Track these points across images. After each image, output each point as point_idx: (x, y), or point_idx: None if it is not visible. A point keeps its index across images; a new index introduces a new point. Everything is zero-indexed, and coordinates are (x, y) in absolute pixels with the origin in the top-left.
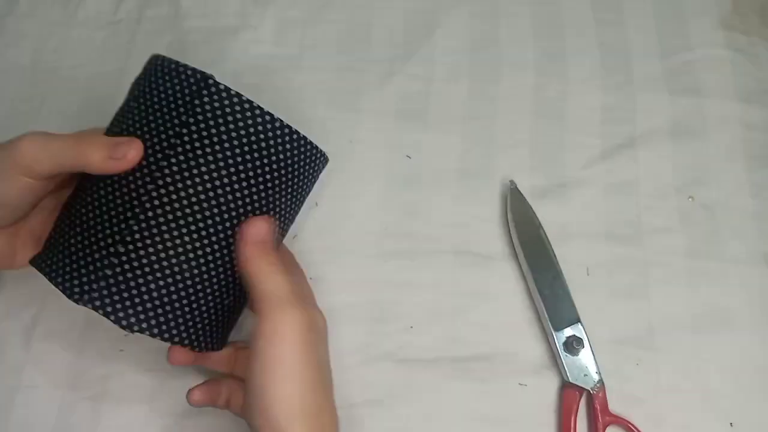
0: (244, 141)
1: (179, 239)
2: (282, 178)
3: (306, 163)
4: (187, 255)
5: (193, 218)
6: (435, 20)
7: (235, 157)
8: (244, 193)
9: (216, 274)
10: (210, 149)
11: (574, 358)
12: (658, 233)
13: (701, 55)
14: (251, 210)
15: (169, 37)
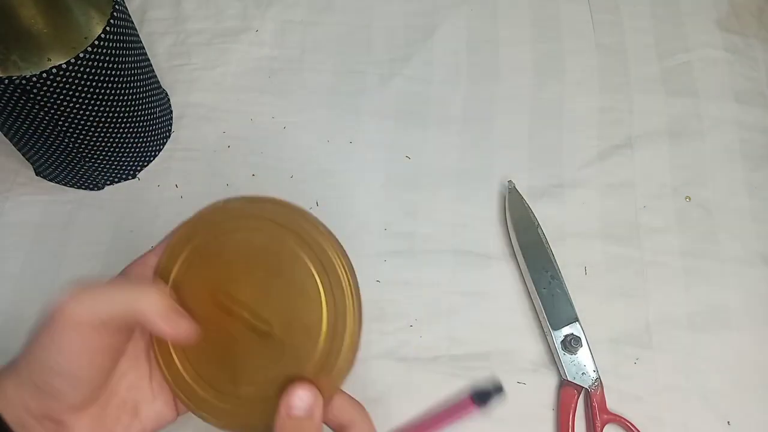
0: None
1: None
2: None
3: None
4: None
5: None
6: (434, 22)
7: None
8: None
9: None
10: None
11: (572, 356)
12: (656, 233)
13: (698, 56)
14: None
15: (170, 39)
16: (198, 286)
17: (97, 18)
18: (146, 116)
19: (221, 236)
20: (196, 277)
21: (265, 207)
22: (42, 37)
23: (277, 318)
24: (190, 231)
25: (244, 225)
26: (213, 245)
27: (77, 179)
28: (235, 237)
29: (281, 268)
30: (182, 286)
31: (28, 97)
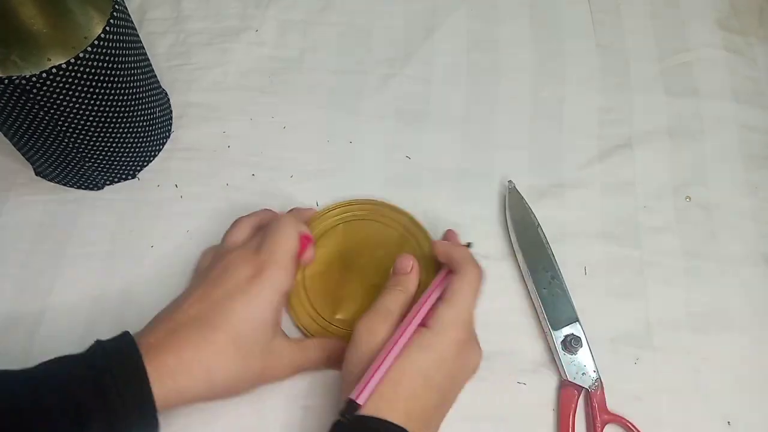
0: None
1: None
2: None
3: None
4: None
5: None
6: (434, 22)
7: None
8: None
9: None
10: None
11: (573, 356)
12: (656, 233)
13: (698, 56)
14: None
15: (170, 39)
16: (333, 245)
17: (97, 18)
18: (146, 116)
19: (361, 222)
20: (335, 239)
21: (395, 214)
22: (42, 37)
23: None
24: (341, 211)
25: (380, 220)
26: (355, 225)
27: (77, 179)
28: (371, 226)
29: (393, 251)
30: (323, 241)
31: (28, 97)
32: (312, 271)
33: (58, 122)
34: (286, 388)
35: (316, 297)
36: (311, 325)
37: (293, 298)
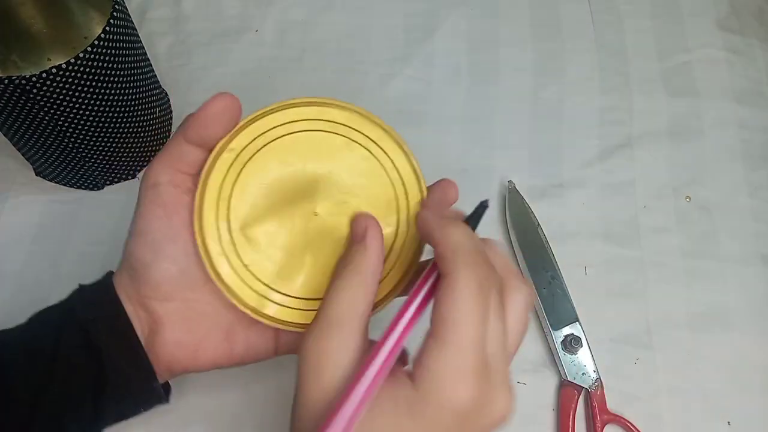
0: None
1: None
2: None
3: None
4: None
5: None
6: (434, 22)
7: None
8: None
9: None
10: None
11: (573, 356)
12: (656, 233)
13: (698, 56)
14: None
15: (170, 38)
16: (275, 174)
17: (97, 18)
18: (146, 116)
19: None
20: (277, 162)
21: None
22: (42, 37)
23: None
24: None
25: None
26: (307, 140)
27: (77, 179)
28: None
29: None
30: (256, 165)
31: (28, 97)
32: (243, 216)
33: (58, 122)
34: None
35: (250, 253)
36: (243, 291)
37: (215, 251)
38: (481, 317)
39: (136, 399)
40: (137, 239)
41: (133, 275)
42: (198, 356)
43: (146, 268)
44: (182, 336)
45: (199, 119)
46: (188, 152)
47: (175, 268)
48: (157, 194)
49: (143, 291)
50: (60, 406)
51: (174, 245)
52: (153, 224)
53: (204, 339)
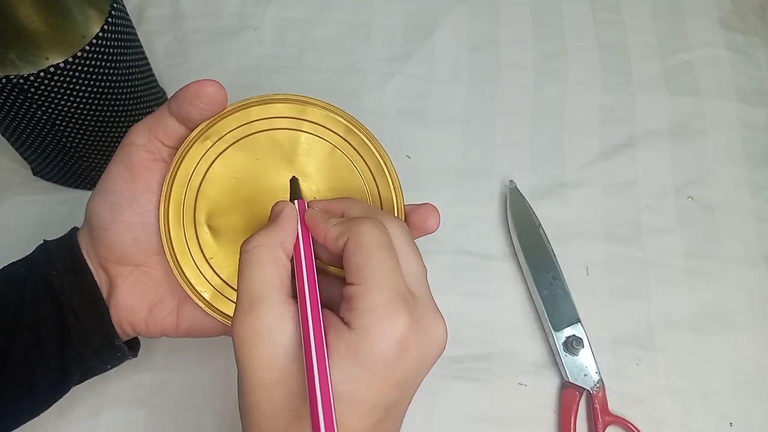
0: None
1: None
2: None
3: None
4: None
5: None
6: (435, 20)
7: None
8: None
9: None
10: None
11: (574, 357)
12: (658, 233)
13: (700, 55)
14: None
15: (169, 37)
16: (243, 168)
17: (95, 16)
18: (144, 115)
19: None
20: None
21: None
22: (40, 36)
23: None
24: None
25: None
26: (278, 138)
27: (75, 179)
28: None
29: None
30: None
31: (26, 97)
32: (210, 208)
33: (56, 121)
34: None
35: (213, 246)
36: (201, 283)
37: (178, 240)
38: (389, 253)
39: (99, 354)
40: (99, 197)
41: (92, 234)
42: (148, 323)
43: (103, 230)
44: (134, 301)
45: (182, 97)
46: (169, 124)
47: (129, 235)
48: (127, 154)
49: (99, 251)
50: (27, 355)
51: (131, 210)
52: (116, 184)
53: (155, 307)
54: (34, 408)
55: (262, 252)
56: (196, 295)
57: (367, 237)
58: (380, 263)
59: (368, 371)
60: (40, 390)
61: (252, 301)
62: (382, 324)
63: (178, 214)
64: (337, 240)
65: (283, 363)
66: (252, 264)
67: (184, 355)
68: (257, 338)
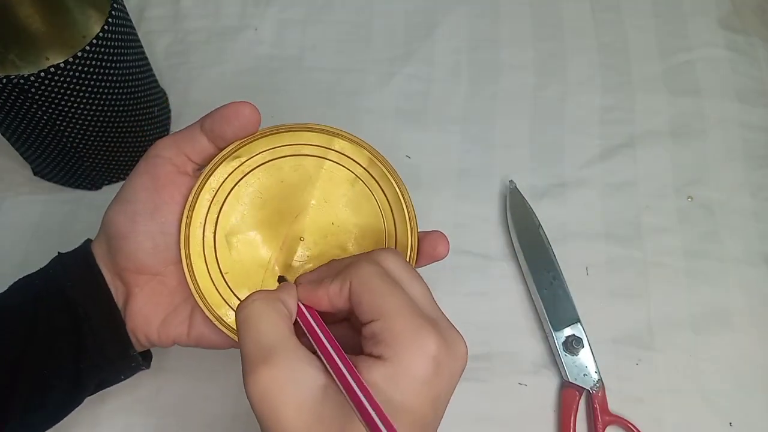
0: None
1: None
2: None
3: None
4: None
5: None
6: (434, 20)
7: None
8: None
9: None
10: None
11: (574, 357)
12: (658, 233)
13: (700, 55)
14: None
15: (169, 37)
16: (259, 198)
17: (96, 17)
18: (144, 115)
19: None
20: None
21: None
22: (40, 36)
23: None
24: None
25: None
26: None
27: (75, 179)
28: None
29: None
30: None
31: (26, 97)
32: (231, 224)
33: (56, 122)
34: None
35: (229, 261)
36: (212, 296)
37: (196, 250)
38: (394, 283)
39: (114, 364)
40: (119, 206)
41: (110, 244)
42: (161, 332)
43: (122, 239)
44: (149, 310)
45: (219, 116)
46: (199, 140)
47: (149, 244)
48: (153, 165)
49: (117, 260)
50: (42, 367)
51: (152, 220)
52: (139, 194)
53: (168, 315)
54: (48, 419)
55: (264, 304)
56: (208, 308)
57: (366, 275)
58: (390, 293)
59: (407, 395)
60: (54, 402)
61: (264, 352)
62: (414, 346)
63: (200, 225)
64: (341, 291)
65: (313, 407)
66: (255, 317)
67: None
68: (280, 388)
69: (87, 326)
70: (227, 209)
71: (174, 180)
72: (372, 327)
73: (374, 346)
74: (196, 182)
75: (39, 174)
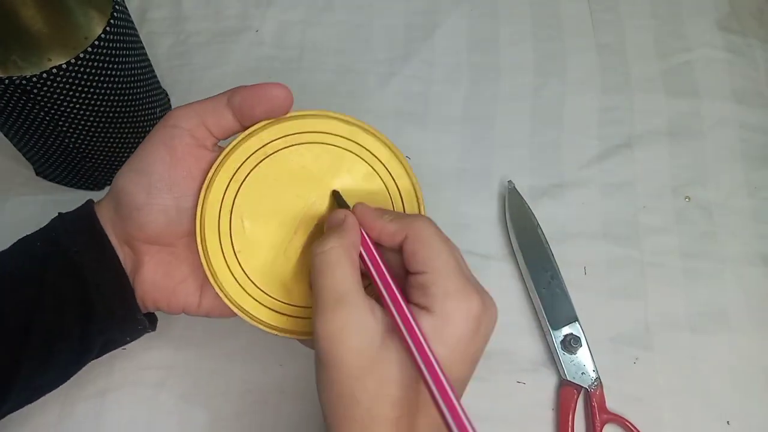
0: None
1: None
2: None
3: None
4: None
5: None
6: (434, 21)
7: None
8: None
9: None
10: None
11: (572, 356)
12: (655, 233)
13: (698, 56)
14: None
15: (170, 39)
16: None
17: (97, 18)
18: (146, 116)
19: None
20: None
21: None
22: (42, 37)
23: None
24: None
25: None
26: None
27: (77, 179)
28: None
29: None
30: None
31: (28, 98)
32: (249, 205)
33: (58, 122)
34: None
35: (243, 242)
36: (224, 274)
37: (211, 227)
38: (449, 245)
39: (121, 328)
40: (133, 176)
41: (121, 212)
42: (170, 300)
43: (136, 210)
44: (159, 279)
45: (250, 92)
46: (224, 115)
47: (163, 218)
48: (170, 136)
49: (128, 229)
50: (50, 332)
51: (169, 194)
52: (155, 166)
53: (179, 285)
54: (52, 382)
55: (340, 253)
56: (219, 287)
57: (426, 232)
58: (446, 254)
59: (449, 350)
60: (59, 365)
61: (337, 298)
62: (462, 305)
63: (217, 203)
64: (395, 235)
65: (371, 352)
66: (333, 264)
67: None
68: (347, 332)
69: (95, 292)
70: (245, 190)
71: (192, 153)
72: (422, 279)
73: (422, 297)
74: (217, 159)
75: (41, 174)
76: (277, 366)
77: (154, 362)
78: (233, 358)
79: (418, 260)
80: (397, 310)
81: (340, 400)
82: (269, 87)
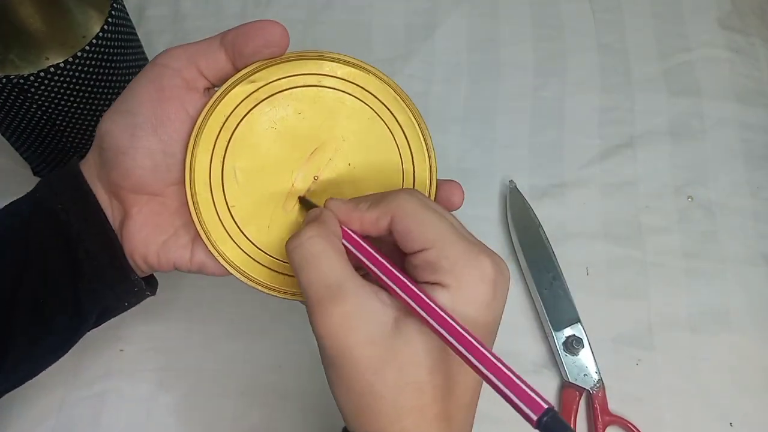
0: None
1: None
2: None
3: None
4: None
5: None
6: (435, 21)
7: None
8: None
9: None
10: None
11: (574, 357)
12: (657, 233)
13: (700, 55)
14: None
15: (169, 37)
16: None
17: (95, 17)
18: None
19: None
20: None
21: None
22: (40, 36)
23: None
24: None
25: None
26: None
27: None
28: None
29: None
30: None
31: (26, 97)
32: (242, 154)
33: (56, 121)
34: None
35: (236, 193)
36: (215, 228)
37: (201, 178)
38: (440, 214)
39: (115, 290)
40: (117, 117)
41: (104, 159)
42: (160, 255)
43: (120, 154)
44: (148, 232)
45: (244, 29)
46: (216, 55)
47: (149, 162)
48: (160, 75)
49: (113, 177)
50: (38, 295)
51: (155, 136)
52: (142, 105)
53: (169, 239)
54: (50, 351)
55: (322, 242)
56: (211, 242)
57: (412, 206)
58: (440, 221)
59: (470, 319)
60: (55, 331)
61: (331, 290)
62: (475, 271)
63: (207, 152)
64: (378, 221)
65: (384, 340)
66: (316, 255)
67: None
68: (351, 324)
69: (82, 248)
70: (238, 137)
71: (181, 95)
72: (425, 256)
73: (432, 273)
74: (207, 103)
75: (39, 174)
76: (276, 367)
77: (154, 363)
78: (233, 359)
79: (414, 238)
80: (404, 290)
81: (361, 399)
82: (264, 23)
